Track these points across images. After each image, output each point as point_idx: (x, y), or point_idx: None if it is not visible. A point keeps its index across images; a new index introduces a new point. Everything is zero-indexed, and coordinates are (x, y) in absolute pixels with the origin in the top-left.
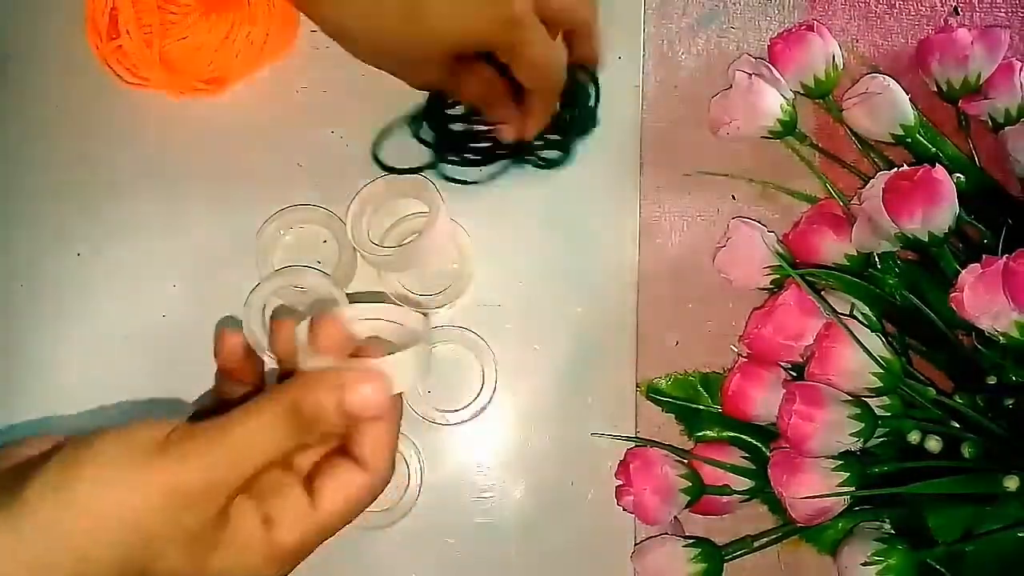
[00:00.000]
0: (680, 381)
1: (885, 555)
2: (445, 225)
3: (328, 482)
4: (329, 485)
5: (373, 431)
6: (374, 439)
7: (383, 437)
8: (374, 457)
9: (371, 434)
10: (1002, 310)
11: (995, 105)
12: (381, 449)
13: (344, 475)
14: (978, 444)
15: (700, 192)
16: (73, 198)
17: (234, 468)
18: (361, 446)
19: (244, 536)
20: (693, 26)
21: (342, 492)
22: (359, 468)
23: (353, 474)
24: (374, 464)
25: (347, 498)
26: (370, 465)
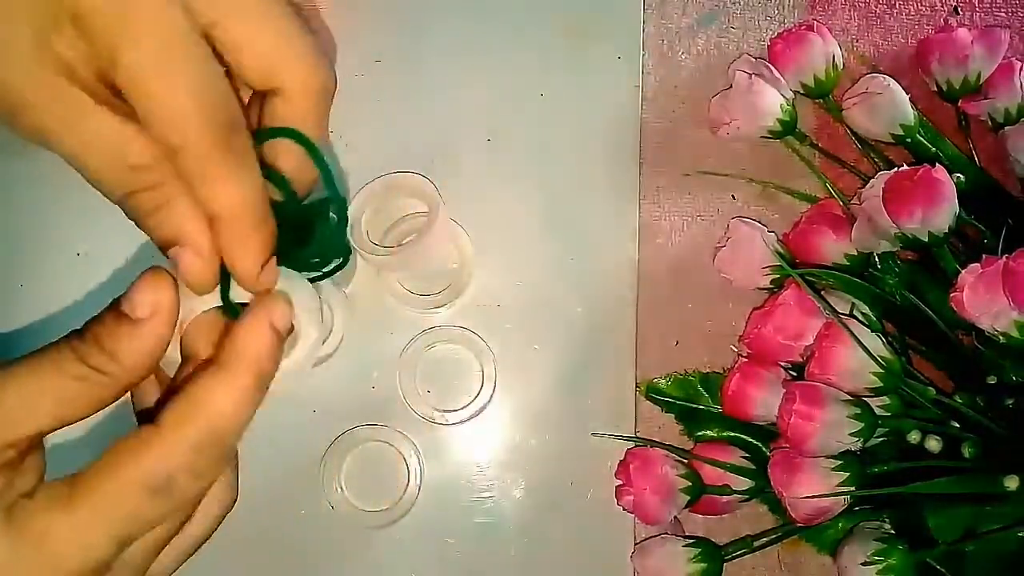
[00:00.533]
0: (680, 381)
1: (885, 555)
2: (445, 225)
3: (100, 459)
4: (97, 462)
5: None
6: (193, 394)
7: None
8: (175, 417)
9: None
10: (1002, 310)
11: (995, 105)
12: (193, 411)
13: (122, 444)
14: (978, 444)
15: (700, 192)
16: (73, 197)
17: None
18: (170, 403)
19: None
20: (693, 26)
21: (110, 471)
22: (149, 434)
23: (137, 440)
24: (171, 431)
25: (113, 481)
26: (166, 428)
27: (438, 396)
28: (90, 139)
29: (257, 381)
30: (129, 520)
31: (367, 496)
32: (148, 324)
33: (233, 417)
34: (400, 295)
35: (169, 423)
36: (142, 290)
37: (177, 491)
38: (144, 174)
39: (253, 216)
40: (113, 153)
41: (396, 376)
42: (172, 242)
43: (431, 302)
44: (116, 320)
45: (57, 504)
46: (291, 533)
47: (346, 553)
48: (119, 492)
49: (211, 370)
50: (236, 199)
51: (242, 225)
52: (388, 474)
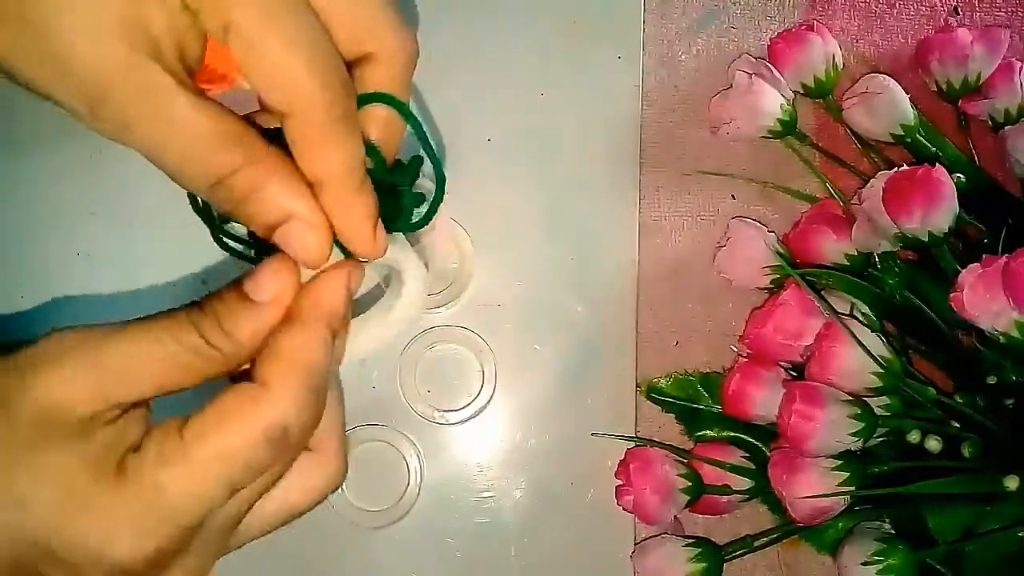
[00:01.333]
0: (680, 381)
1: (885, 555)
2: (445, 225)
3: (206, 410)
4: (205, 413)
5: (285, 334)
6: (282, 345)
7: (296, 342)
8: (276, 372)
9: (282, 338)
10: (1002, 310)
11: (995, 105)
12: (289, 362)
13: (232, 395)
14: (978, 444)
15: (700, 192)
16: (73, 197)
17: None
18: (266, 363)
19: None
20: (693, 26)
21: (221, 423)
22: (254, 387)
23: (242, 392)
24: (272, 379)
25: (227, 434)
26: (268, 380)
27: (438, 396)
28: (177, 126)
29: (332, 328)
30: (244, 469)
31: (367, 496)
32: (268, 309)
33: (322, 362)
34: None
35: (270, 378)
36: (268, 274)
37: (288, 441)
38: (235, 156)
39: (359, 178)
40: (200, 138)
41: (396, 376)
42: (278, 222)
43: (431, 302)
44: (239, 300)
45: (172, 457)
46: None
47: (346, 553)
48: (238, 443)
49: (290, 324)
50: (345, 163)
51: (350, 188)
52: (388, 474)
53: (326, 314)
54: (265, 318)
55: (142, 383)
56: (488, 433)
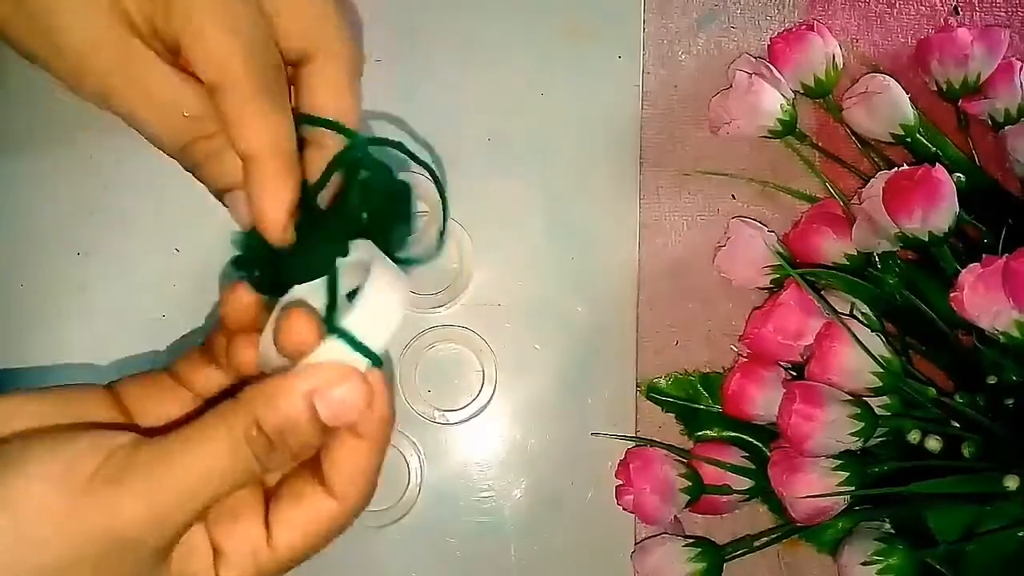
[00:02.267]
0: (680, 381)
1: (885, 555)
2: None
3: (288, 512)
4: (289, 516)
5: (350, 448)
6: (351, 460)
7: (362, 457)
8: (348, 483)
9: (347, 452)
10: (1002, 310)
11: (995, 105)
12: (358, 473)
13: (308, 505)
14: (978, 444)
15: (700, 192)
16: (73, 197)
17: (181, 506)
18: (333, 467)
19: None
20: (693, 26)
21: (302, 527)
22: (328, 496)
23: (319, 504)
24: (346, 492)
25: (308, 533)
26: (341, 493)
27: (438, 396)
28: (151, 93)
29: (389, 433)
30: None
31: None
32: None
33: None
34: None
35: (345, 495)
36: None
37: None
38: (198, 124)
39: (284, 159)
40: (171, 105)
41: (396, 376)
42: (227, 188)
43: (431, 301)
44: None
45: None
46: None
47: (346, 553)
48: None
49: (359, 442)
50: (269, 139)
51: (273, 167)
52: (388, 474)
53: (389, 426)
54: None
55: (197, 504)
56: (488, 433)
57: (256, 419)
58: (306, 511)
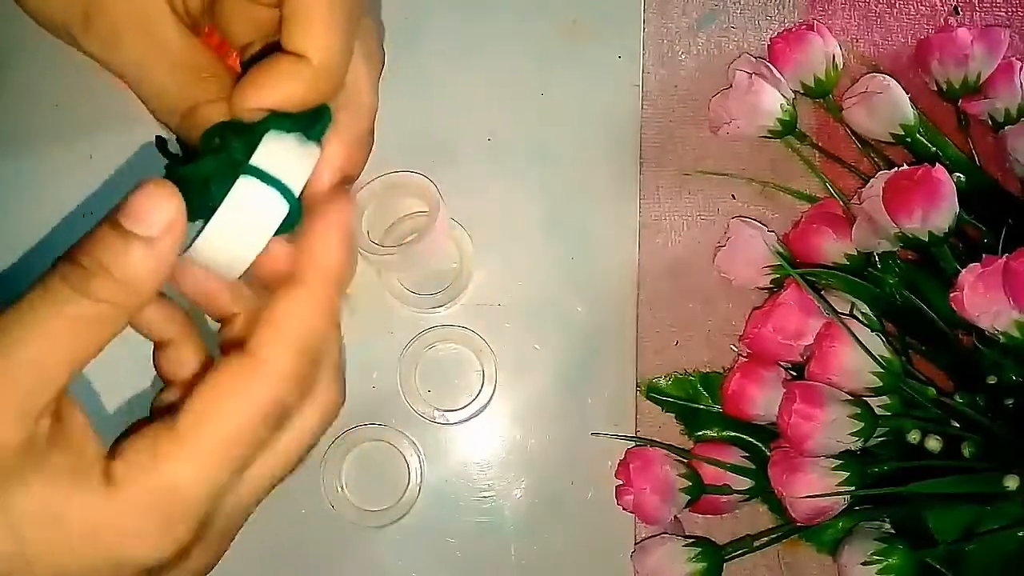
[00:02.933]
0: (680, 381)
1: (885, 555)
2: (445, 224)
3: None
4: (196, 392)
5: (279, 296)
6: (275, 306)
7: (289, 303)
8: (271, 345)
9: (276, 301)
10: (1002, 309)
11: (995, 105)
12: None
13: (220, 370)
14: (978, 444)
15: (700, 192)
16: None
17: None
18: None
19: None
20: (693, 26)
21: (213, 399)
22: (246, 355)
23: (232, 370)
24: (266, 348)
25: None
26: (257, 348)
27: (438, 396)
28: (163, 49)
29: (338, 291)
30: (248, 450)
31: (367, 496)
32: (161, 242)
33: (324, 329)
34: (400, 295)
35: (266, 349)
36: (150, 204)
37: (288, 413)
38: (210, 86)
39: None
40: (182, 65)
41: (396, 376)
42: None
43: (431, 302)
44: (118, 237)
45: (171, 453)
46: (291, 533)
47: (346, 553)
48: (237, 429)
49: (291, 288)
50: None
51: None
52: (388, 474)
53: (332, 275)
54: (160, 253)
55: (53, 375)
56: (488, 433)
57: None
58: (216, 380)
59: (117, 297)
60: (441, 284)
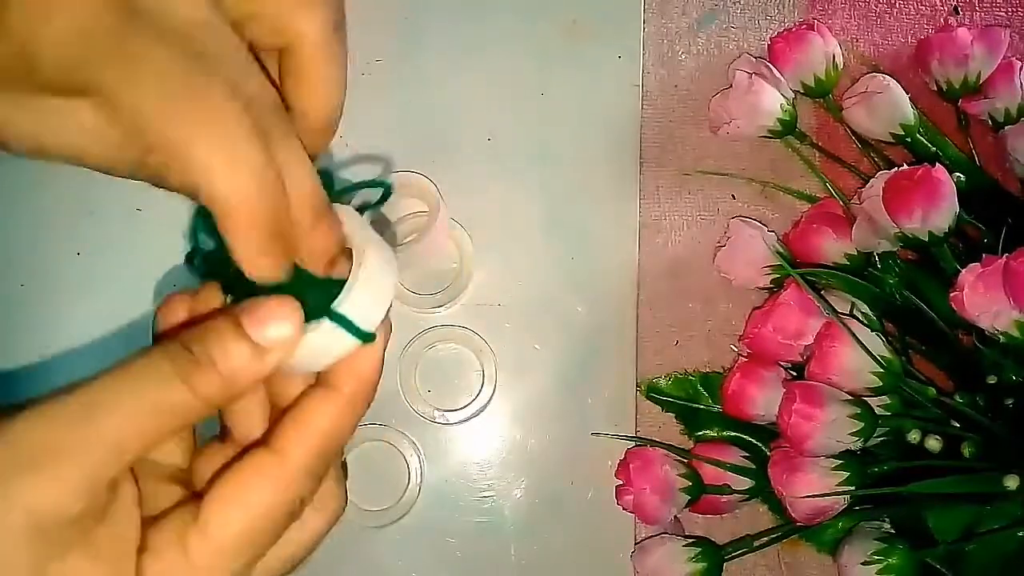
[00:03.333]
0: (680, 381)
1: (885, 555)
2: (445, 224)
3: (221, 484)
4: (222, 485)
5: (311, 399)
6: (306, 412)
7: (321, 413)
8: (295, 437)
9: (307, 403)
10: (1002, 309)
11: (995, 105)
12: (312, 429)
13: (245, 467)
14: (978, 444)
15: (700, 192)
16: (74, 197)
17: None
18: (286, 419)
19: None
20: (693, 26)
21: (237, 495)
22: (269, 452)
23: (258, 463)
24: (290, 447)
25: (245, 504)
26: (284, 448)
27: (438, 396)
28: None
29: (369, 403)
30: (266, 545)
31: (367, 496)
32: (272, 354)
33: (348, 437)
34: (400, 294)
35: (292, 451)
36: (275, 317)
37: (304, 507)
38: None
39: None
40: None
41: (396, 376)
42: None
43: (431, 302)
44: (237, 336)
45: (196, 551)
46: None
47: (346, 553)
48: (260, 524)
49: (326, 395)
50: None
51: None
52: (388, 474)
53: (368, 389)
54: (267, 364)
55: (127, 453)
56: (488, 433)
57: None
58: (241, 474)
59: (213, 394)
60: (441, 284)
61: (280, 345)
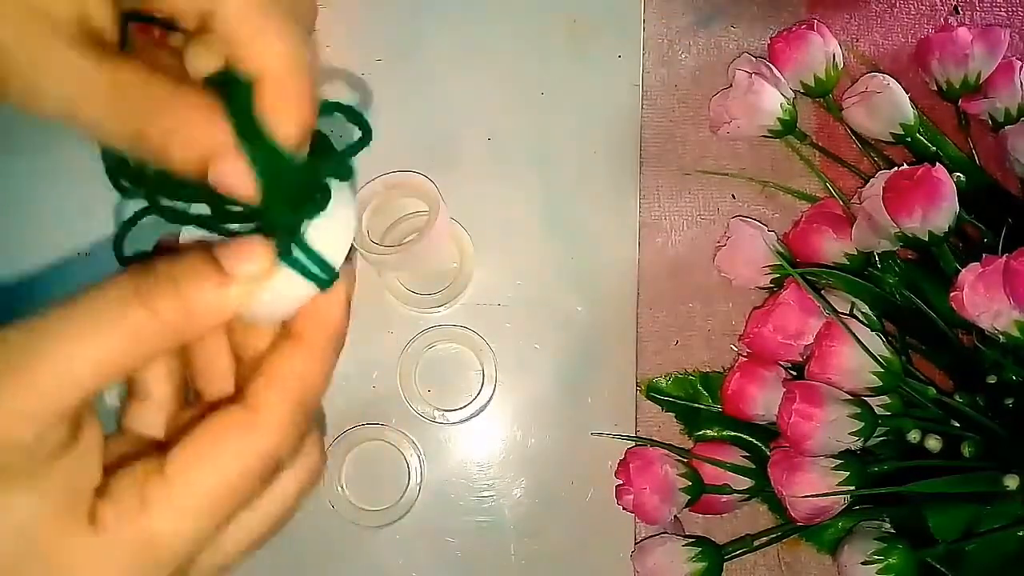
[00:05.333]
0: (680, 381)
1: (885, 554)
2: (445, 225)
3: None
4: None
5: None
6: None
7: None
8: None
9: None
10: (1002, 309)
11: (995, 104)
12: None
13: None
14: (978, 443)
15: (700, 192)
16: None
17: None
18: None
19: None
20: (693, 26)
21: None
22: (241, 408)
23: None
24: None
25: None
26: (257, 402)
27: (438, 395)
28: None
29: (337, 351)
30: (236, 504)
31: (367, 496)
32: (238, 288)
33: (321, 388)
34: (400, 294)
35: (264, 404)
36: (250, 249)
37: (279, 469)
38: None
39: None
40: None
41: (396, 376)
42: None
43: (431, 301)
44: (207, 266)
45: (159, 502)
46: (291, 533)
47: (346, 553)
48: (228, 481)
49: (293, 344)
50: (287, 53)
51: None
52: (388, 474)
53: (333, 336)
54: (232, 298)
55: (82, 380)
56: (488, 433)
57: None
58: (211, 429)
59: (174, 319)
60: (441, 284)
61: (246, 278)
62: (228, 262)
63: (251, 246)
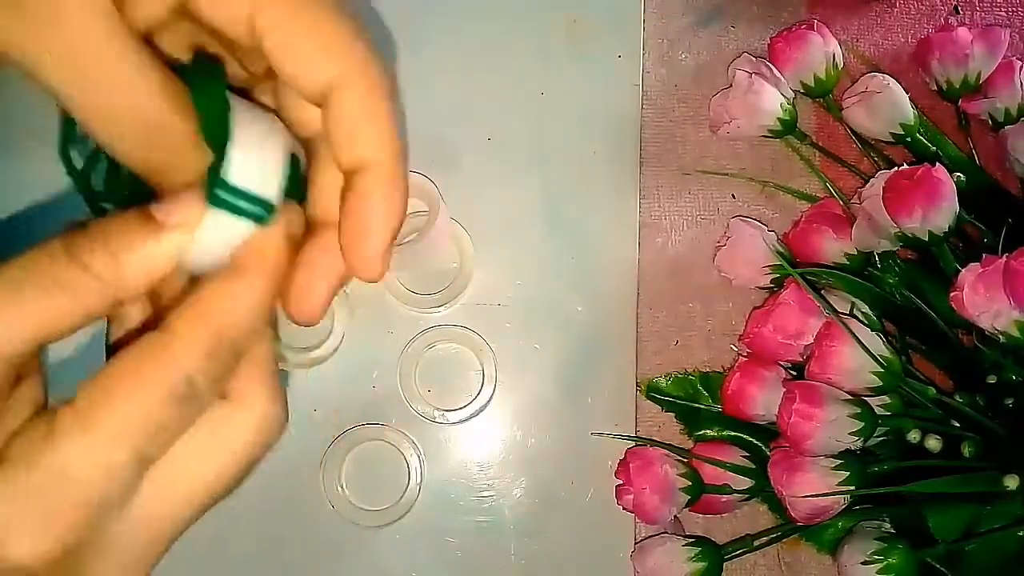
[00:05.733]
0: (680, 380)
1: (885, 554)
2: (445, 224)
3: (104, 370)
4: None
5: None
6: (198, 293)
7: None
8: (183, 318)
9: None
10: (1002, 309)
11: (995, 104)
12: (203, 313)
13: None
14: (978, 443)
15: (700, 192)
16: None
17: None
18: (178, 309)
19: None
20: (693, 26)
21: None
22: (161, 331)
23: (142, 347)
24: (182, 328)
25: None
26: (176, 328)
27: (438, 395)
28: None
29: (271, 284)
30: (152, 432)
31: (367, 496)
32: (169, 236)
33: (245, 318)
34: (400, 294)
35: (180, 328)
36: (183, 199)
37: (197, 395)
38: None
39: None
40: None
41: (396, 376)
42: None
43: (431, 301)
44: (138, 220)
45: (66, 431)
46: (291, 533)
47: (346, 553)
48: (140, 404)
49: (220, 276)
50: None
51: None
52: (388, 474)
53: (263, 267)
54: (163, 249)
55: (12, 337)
56: (488, 433)
57: None
58: (122, 355)
59: (106, 273)
60: (441, 284)
61: (175, 227)
62: (158, 214)
63: (176, 195)
